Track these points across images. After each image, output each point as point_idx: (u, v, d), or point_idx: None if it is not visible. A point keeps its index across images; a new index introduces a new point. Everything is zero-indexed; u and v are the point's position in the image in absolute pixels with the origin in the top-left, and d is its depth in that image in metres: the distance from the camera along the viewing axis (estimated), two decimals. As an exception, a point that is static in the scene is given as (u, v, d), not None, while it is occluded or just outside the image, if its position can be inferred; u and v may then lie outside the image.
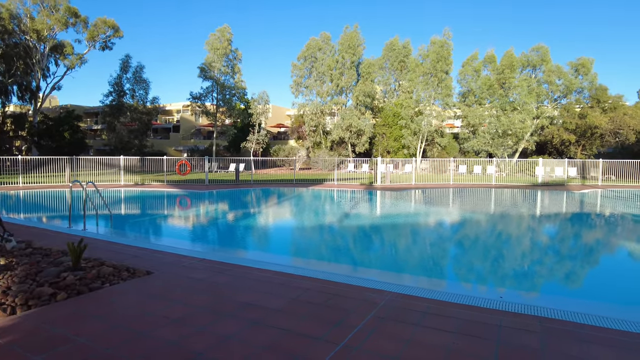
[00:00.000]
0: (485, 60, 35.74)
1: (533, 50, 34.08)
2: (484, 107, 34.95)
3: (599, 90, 33.56)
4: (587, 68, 32.29)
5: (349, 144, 37.86)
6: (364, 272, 6.47)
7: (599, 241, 9.75)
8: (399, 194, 18.46)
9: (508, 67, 33.78)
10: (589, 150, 34.29)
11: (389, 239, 9.67)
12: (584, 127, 33.13)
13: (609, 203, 16.33)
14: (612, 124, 32.24)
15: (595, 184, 23.31)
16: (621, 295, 5.59)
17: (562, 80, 33.08)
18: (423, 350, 3.12)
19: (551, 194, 19.20)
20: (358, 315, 3.78)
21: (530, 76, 34.39)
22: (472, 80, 35.42)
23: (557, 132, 33.57)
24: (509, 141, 32.95)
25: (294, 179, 23.85)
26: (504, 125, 31.94)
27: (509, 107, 33.22)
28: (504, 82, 33.90)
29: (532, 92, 32.63)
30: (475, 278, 6.43)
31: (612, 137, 33.21)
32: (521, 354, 3.08)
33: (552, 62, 33.46)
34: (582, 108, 34.28)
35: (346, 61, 37.44)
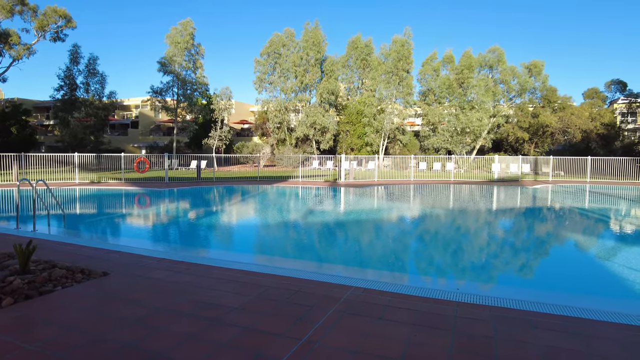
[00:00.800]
0: (444, 60, 36.79)
1: (490, 52, 35.41)
2: (443, 105, 36.01)
3: (549, 91, 35.38)
4: (539, 69, 33.95)
5: (314, 141, 37.96)
6: (327, 268, 6.53)
7: (547, 233, 10.32)
8: (362, 190, 18.72)
9: (467, 67, 34.93)
10: (541, 148, 36.12)
11: (352, 235, 9.80)
12: (536, 126, 34.84)
13: (558, 197, 17.29)
14: (561, 123, 34.10)
15: (546, 179, 24.62)
16: (566, 283, 5.95)
17: (517, 81, 34.60)
18: (383, 342, 3.19)
19: (506, 189, 20.09)
20: (320, 310, 3.82)
21: (487, 76, 35.72)
22: (431, 79, 36.39)
23: (512, 130, 35.11)
24: (467, 139, 34.13)
25: (258, 177, 23.65)
26: (462, 123, 33.04)
27: (467, 106, 34.42)
28: (463, 81, 35.05)
29: (489, 92, 33.93)
30: (434, 271, 6.65)
31: (561, 135, 35.13)
32: (475, 342, 3.22)
33: (507, 63, 34.93)
34: (534, 108, 36.03)
35: (310, 58, 37.45)
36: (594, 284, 5.81)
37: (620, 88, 36.20)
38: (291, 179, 23.23)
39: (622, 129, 36.66)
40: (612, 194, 18.53)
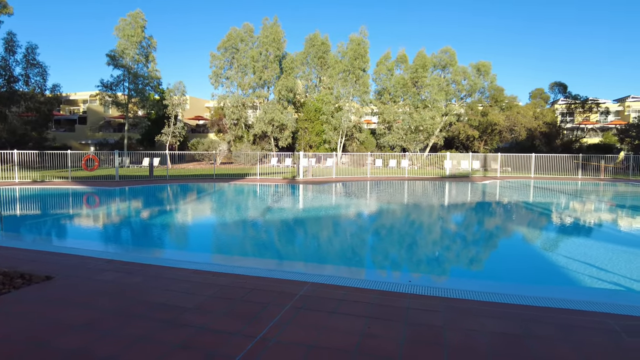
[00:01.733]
0: (397, 60, 37.67)
1: (442, 52, 36.63)
2: (398, 104, 36.89)
3: (497, 90, 37.17)
4: (487, 70, 35.57)
5: (272, 138, 37.69)
6: (284, 265, 6.53)
7: (493, 226, 10.89)
8: (320, 187, 18.84)
9: (420, 67, 35.95)
10: (490, 145, 37.90)
11: (309, 231, 9.85)
12: (485, 124, 36.51)
13: (504, 192, 18.24)
14: (508, 122, 35.94)
15: (494, 175, 25.91)
16: (510, 273, 6.32)
17: (467, 81, 36.05)
18: (338, 335, 3.25)
19: (457, 184, 20.94)
20: (276, 307, 3.83)
21: (440, 76, 36.94)
22: (386, 78, 37.19)
23: (463, 128, 36.59)
24: (420, 136, 35.20)
25: (214, 174, 23.18)
26: (416, 121, 34.01)
27: (421, 104, 35.49)
28: (417, 81, 36.07)
29: (442, 91, 35.13)
30: (388, 265, 6.83)
31: (508, 133, 37.02)
32: (425, 332, 3.35)
33: (458, 64, 36.30)
34: (483, 107, 37.74)
35: (269, 54, 37.12)
36: (535, 273, 6.21)
37: (561, 90, 38.64)
38: (249, 177, 22.97)
39: (562, 128, 39.17)
40: (552, 188, 19.79)
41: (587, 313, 3.81)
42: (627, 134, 34.92)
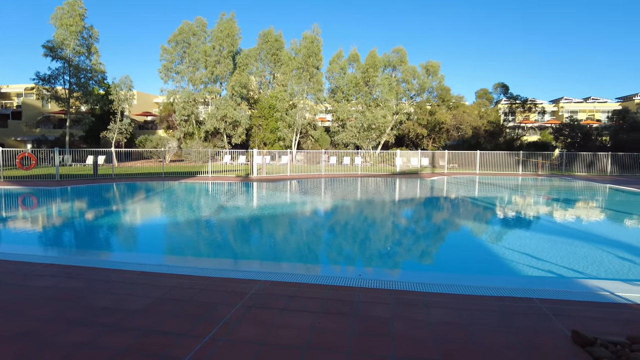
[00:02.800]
0: (350, 58, 38.17)
1: (394, 52, 37.53)
2: (351, 103, 37.40)
3: (444, 90, 38.65)
4: (435, 70, 36.87)
5: (225, 135, 36.95)
6: (235, 264, 6.45)
7: (439, 220, 11.38)
8: (274, 185, 18.75)
9: (372, 66, 36.63)
10: (438, 143, 39.39)
11: (261, 229, 9.79)
12: (433, 123, 37.89)
13: (450, 187, 19.05)
14: (455, 120, 37.52)
15: (442, 171, 26.99)
16: (455, 264, 6.64)
17: (417, 80, 37.19)
18: (289, 332, 3.28)
19: (407, 181, 21.61)
20: (226, 306, 3.79)
21: (390, 75, 37.83)
22: (339, 77, 37.58)
23: (413, 126, 37.75)
24: (373, 134, 35.92)
25: (163, 172, 22.38)
26: (368, 120, 34.66)
27: (373, 103, 36.22)
28: (368, 80, 36.73)
29: (393, 90, 36.01)
30: (339, 260, 6.95)
31: (455, 131, 38.64)
32: (374, 324, 3.46)
33: (408, 64, 37.35)
34: (432, 106, 39.13)
35: (223, 49, 36.29)
36: (477, 263, 6.57)
37: (504, 90, 40.90)
38: (200, 175, 22.41)
39: (505, 127, 41.46)
40: (495, 183, 20.94)
41: (522, 299, 4.09)
42: (561, 132, 37.64)
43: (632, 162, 26.87)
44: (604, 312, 3.83)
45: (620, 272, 5.85)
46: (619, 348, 3.03)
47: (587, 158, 27.99)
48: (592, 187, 19.27)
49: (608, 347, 3.05)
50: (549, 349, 3.09)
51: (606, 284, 4.72)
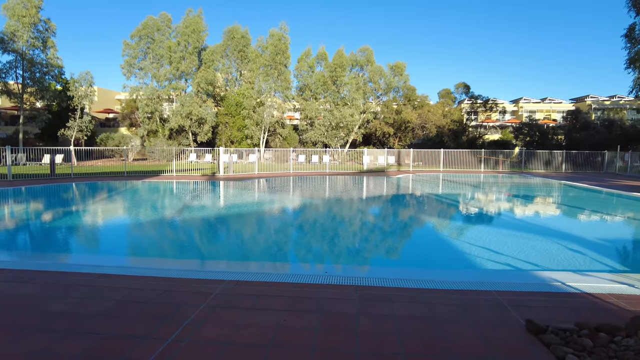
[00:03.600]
0: (318, 57, 38.26)
1: (360, 51, 37.91)
2: (319, 101, 37.51)
3: (410, 90, 39.42)
4: (401, 70, 37.54)
5: (190, 133, 36.18)
6: (199, 264, 6.34)
7: (405, 217, 11.62)
8: (241, 183, 18.54)
9: (339, 65, 36.85)
10: (404, 141, 40.15)
11: (227, 229, 9.67)
12: (400, 122, 38.58)
13: (415, 185, 19.49)
14: (420, 120, 38.36)
15: (407, 169, 27.55)
16: (419, 259, 6.81)
17: (383, 80, 37.74)
18: (254, 331, 3.26)
19: (374, 178, 21.92)
20: (190, 307, 3.72)
21: (358, 75, 38.20)
22: (307, 75, 37.61)
23: (380, 125, 38.30)
24: (341, 133, 36.19)
25: (125, 171, 21.66)
26: (336, 118, 34.88)
27: (341, 102, 36.48)
28: (336, 79, 36.94)
29: (360, 90, 36.39)
30: (306, 258, 6.97)
31: (420, 130, 39.51)
32: (339, 320, 3.50)
33: (375, 63, 37.83)
34: (398, 105, 39.83)
35: (189, 45, 35.46)
36: (439, 258, 6.76)
37: (466, 90, 42.18)
38: (164, 174, 21.84)
39: (468, 126, 42.76)
40: (458, 180, 21.58)
41: (480, 292, 4.25)
42: (521, 131, 39.24)
43: (583, 159, 28.39)
44: (555, 302, 4.04)
45: (571, 263, 6.18)
46: (568, 334, 3.21)
47: (544, 156, 29.31)
48: (548, 183, 20.21)
49: (558, 333, 3.23)
50: (506, 338, 3.22)
51: (558, 275, 4.97)
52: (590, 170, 27.97)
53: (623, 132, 34.01)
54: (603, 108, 51.85)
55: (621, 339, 3.15)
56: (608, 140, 31.99)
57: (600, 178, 21.94)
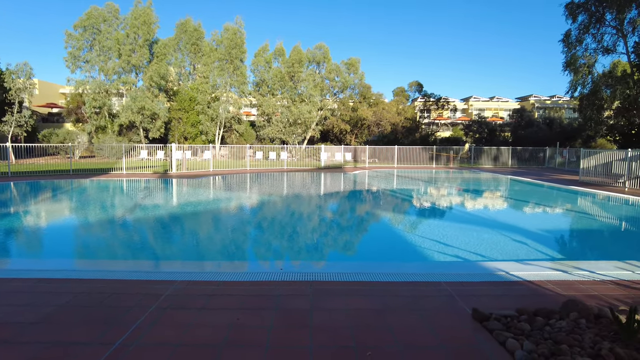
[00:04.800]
0: (275, 52, 37.95)
1: (317, 48, 37.97)
2: (276, 97, 37.25)
3: (365, 88, 40.04)
4: (356, 67, 38.01)
5: (141, 129, 34.76)
6: (150, 265, 6.11)
7: (359, 212, 11.83)
8: (195, 181, 18.09)
9: (297, 61, 36.74)
10: (360, 138, 40.76)
11: (179, 228, 9.40)
12: (356, 119, 39.11)
13: (370, 181, 19.86)
14: (375, 117, 39.08)
15: (364, 165, 28.00)
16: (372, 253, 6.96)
17: (340, 78, 38.06)
18: (206, 331, 3.21)
19: (330, 175, 22.10)
20: (139, 310, 3.59)
21: (315, 71, 38.28)
22: (264, 71, 37.21)
23: (337, 122, 38.64)
24: (298, 129, 36.15)
25: (70, 170, 20.49)
26: (294, 115, 34.81)
27: (298, 98, 36.41)
28: (293, 75, 36.82)
29: (317, 86, 36.49)
30: (260, 255, 6.93)
31: (375, 127, 40.26)
32: (294, 316, 3.51)
33: (332, 61, 38.04)
34: (354, 102, 40.34)
35: (139, 38, 33.92)
36: (392, 251, 6.95)
37: (418, 88, 43.46)
38: (113, 172, 20.87)
39: (421, 123, 44.11)
40: (411, 176, 22.23)
41: (431, 284, 4.41)
42: (470, 128, 40.98)
43: (528, 155, 30.11)
44: (499, 290, 4.27)
45: (515, 254, 6.56)
46: (509, 320, 3.42)
47: (492, 152, 30.79)
48: (496, 178, 21.26)
49: (500, 320, 3.42)
50: (453, 326, 3.37)
51: (503, 265, 5.26)
52: (533, 165, 29.70)
53: (562, 130, 36.38)
54: (545, 107, 55.18)
55: (555, 321, 3.39)
56: (549, 137, 34.10)
57: (542, 172, 23.37)
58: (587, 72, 29.49)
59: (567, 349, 2.87)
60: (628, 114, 28.90)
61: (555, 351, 2.86)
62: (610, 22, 27.81)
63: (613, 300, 3.99)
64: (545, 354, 2.84)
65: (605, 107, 30.08)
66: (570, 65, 29.22)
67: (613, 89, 28.23)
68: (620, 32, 28.13)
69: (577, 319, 3.42)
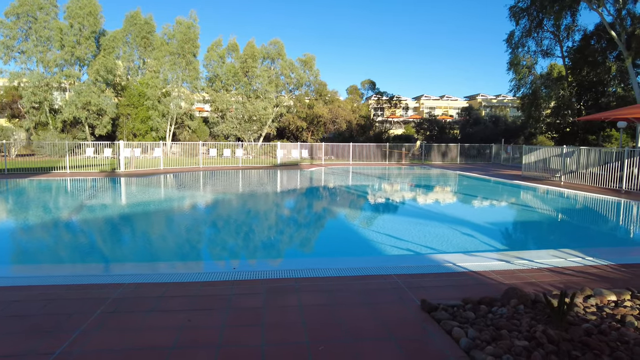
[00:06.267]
0: (229, 47, 37.23)
1: (271, 44, 37.64)
2: (230, 93, 36.59)
3: (321, 85, 40.28)
4: (311, 64, 38.08)
5: (87, 125, 32.93)
6: (94, 268, 5.81)
7: (313, 208, 11.92)
8: (145, 180, 17.42)
9: (251, 57, 36.24)
10: (316, 135, 40.96)
11: (126, 228, 9.02)
12: (312, 116, 39.27)
13: (326, 177, 20.04)
14: (331, 114, 39.43)
15: (320, 162, 28.19)
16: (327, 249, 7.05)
17: (295, 74, 37.98)
18: (155, 334, 3.11)
19: (287, 172, 22.07)
20: (82, 316, 3.42)
21: (269, 67, 37.95)
22: (217, 66, 36.41)
23: (293, 119, 38.59)
24: (254, 126, 35.74)
25: (6, 169, 19.05)
26: (249, 111, 34.37)
27: (253, 94, 35.96)
28: (248, 70, 36.31)
29: (272, 83, 36.21)
30: (212, 255, 6.81)
31: (331, 124, 40.62)
32: (246, 315, 3.49)
33: (286, 57, 37.87)
34: (310, 100, 40.46)
35: (84, 29, 31.99)
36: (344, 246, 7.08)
37: (372, 87, 44.31)
38: (56, 171, 19.64)
39: (375, 121, 45.02)
40: (364, 173, 22.64)
41: (382, 277, 4.53)
42: (422, 126, 42.33)
43: (475, 152, 31.56)
44: (446, 281, 4.46)
45: (462, 245, 6.88)
46: (455, 309, 3.58)
47: (442, 149, 31.97)
48: (445, 174, 22.12)
49: (447, 310, 3.58)
50: (403, 318, 3.49)
51: (450, 257, 5.50)
52: (480, 161, 31.17)
53: (507, 127, 38.42)
54: (491, 105, 58.09)
55: (497, 308, 3.60)
56: (495, 134, 35.92)
57: (488, 168, 24.58)
58: (528, 73, 31.43)
59: (506, 334, 3.06)
60: (563, 112, 31.06)
61: (496, 336, 3.04)
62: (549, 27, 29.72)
63: (548, 286, 4.29)
64: (487, 339, 3.00)
65: (544, 106, 32.15)
66: (513, 66, 30.99)
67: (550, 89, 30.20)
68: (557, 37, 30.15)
69: (516, 305, 3.65)
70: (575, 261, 5.26)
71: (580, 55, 29.44)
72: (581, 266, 5.05)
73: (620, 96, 29.27)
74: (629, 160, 12.98)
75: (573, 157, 15.84)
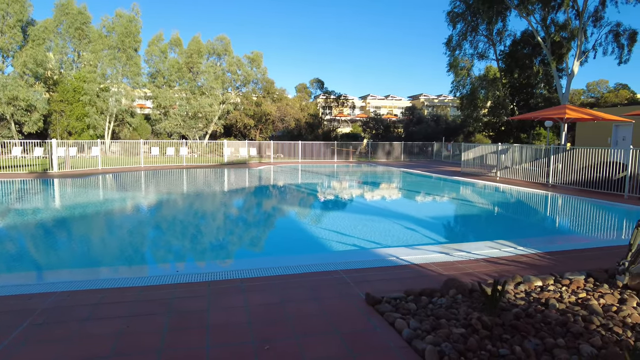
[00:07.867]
0: (171, 42, 35.85)
1: (218, 40, 36.69)
2: (174, 89, 35.26)
3: (268, 82, 39.90)
4: (259, 62, 37.64)
5: (13, 123, 30.29)
6: (19, 278, 5.29)
7: (260, 207, 11.83)
8: (81, 180, 16.36)
9: (196, 52, 35.13)
10: (265, 133, 40.57)
11: (58, 234, 8.41)
12: (260, 114, 38.81)
13: (274, 176, 19.94)
14: (280, 112, 39.21)
15: (268, 161, 27.99)
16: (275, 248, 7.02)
17: (242, 71, 37.35)
18: (90, 343, 2.95)
19: (234, 171, 21.70)
20: (5, 330, 3.15)
21: (216, 64, 36.98)
22: (159, 61, 34.94)
23: (240, 117, 37.93)
24: (199, 124, 34.73)
25: None
26: (194, 108, 33.33)
27: (198, 91, 34.90)
28: (192, 66, 35.18)
29: (218, 79, 35.31)
30: (153, 258, 6.53)
31: (280, 122, 40.40)
32: (189, 318, 3.40)
33: (233, 53, 37.10)
34: (257, 97, 39.96)
35: (8, 17, 29.25)
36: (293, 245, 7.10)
37: (320, 85, 44.61)
38: (-23, 172, 17.93)
39: (323, 119, 45.32)
40: (313, 170, 22.81)
41: (328, 273, 4.60)
42: (368, 125, 43.30)
43: (417, 150, 32.81)
44: (390, 275, 4.61)
45: (405, 240, 7.13)
46: (398, 301, 3.71)
47: (386, 147, 32.90)
48: (390, 171, 22.80)
49: (390, 302, 3.71)
50: (348, 311, 3.56)
51: (394, 251, 5.68)
52: (423, 158, 32.43)
53: (447, 126, 40.25)
54: (433, 105, 60.55)
55: (437, 299, 3.78)
56: (436, 133, 37.50)
57: (430, 165, 25.64)
58: (466, 75, 33.18)
59: (445, 323, 3.22)
60: (498, 112, 33.12)
61: (436, 326, 3.19)
62: (483, 31, 31.53)
63: (484, 275, 4.57)
64: (427, 329, 3.15)
65: (481, 106, 34.08)
66: (453, 68, 32.56)
67: (486, 90, 32.07)
68: (490, 41, 32.05)
69: (455, 295, 3.85)
70: (508, 251, 5.64)
71: (511, 59, 31.52)
72: (513, 255, 5.43)
73: (546, 97, 31.74)
74: (554, 157, 14.09)
75: (507, 154, 16.93)
